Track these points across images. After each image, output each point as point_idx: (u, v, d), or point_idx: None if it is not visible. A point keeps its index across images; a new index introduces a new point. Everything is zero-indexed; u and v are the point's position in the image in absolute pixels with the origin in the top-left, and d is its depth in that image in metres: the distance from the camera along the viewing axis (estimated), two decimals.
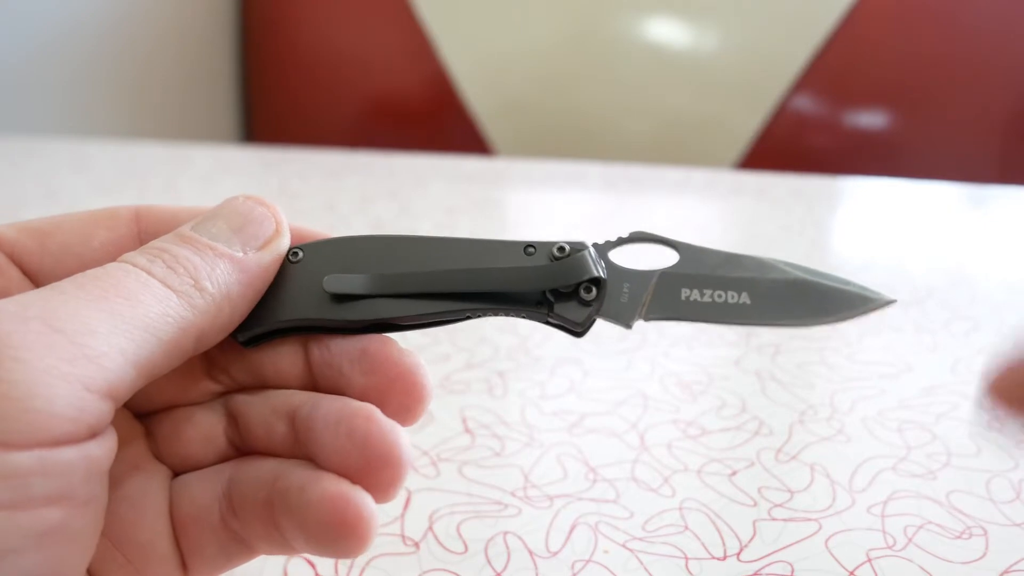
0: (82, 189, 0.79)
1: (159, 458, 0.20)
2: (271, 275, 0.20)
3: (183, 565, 0.19)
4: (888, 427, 0.36)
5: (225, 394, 0.21)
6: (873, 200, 0.87)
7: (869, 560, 0.28)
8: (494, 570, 0.27)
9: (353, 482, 0.18)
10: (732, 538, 0.29)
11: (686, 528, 0.29)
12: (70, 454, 0.15)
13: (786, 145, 1.31)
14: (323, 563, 0.28)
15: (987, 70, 1.22)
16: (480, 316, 0.21)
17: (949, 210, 0.83)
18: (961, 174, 1.06)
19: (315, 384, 0.21)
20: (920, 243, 0.68)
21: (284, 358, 0.21)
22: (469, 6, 1.37)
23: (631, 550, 0.28)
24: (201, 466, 0.20)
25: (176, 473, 0.20)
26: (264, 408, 0.20)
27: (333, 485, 0.18)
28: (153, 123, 1.32)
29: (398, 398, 0.19)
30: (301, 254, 0.21)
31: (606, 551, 0.28)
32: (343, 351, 0.20)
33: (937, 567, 0.27)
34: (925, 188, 0.89)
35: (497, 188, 0.88)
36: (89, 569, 0.17)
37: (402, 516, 0.30)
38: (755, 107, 1.29)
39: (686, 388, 0.40)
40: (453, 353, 0.43)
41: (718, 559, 0.28)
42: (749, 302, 0.20)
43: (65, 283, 0.16)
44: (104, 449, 0.16)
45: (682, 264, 0.21)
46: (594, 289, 0.20)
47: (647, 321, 0.21)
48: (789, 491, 0.32)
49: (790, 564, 0.28)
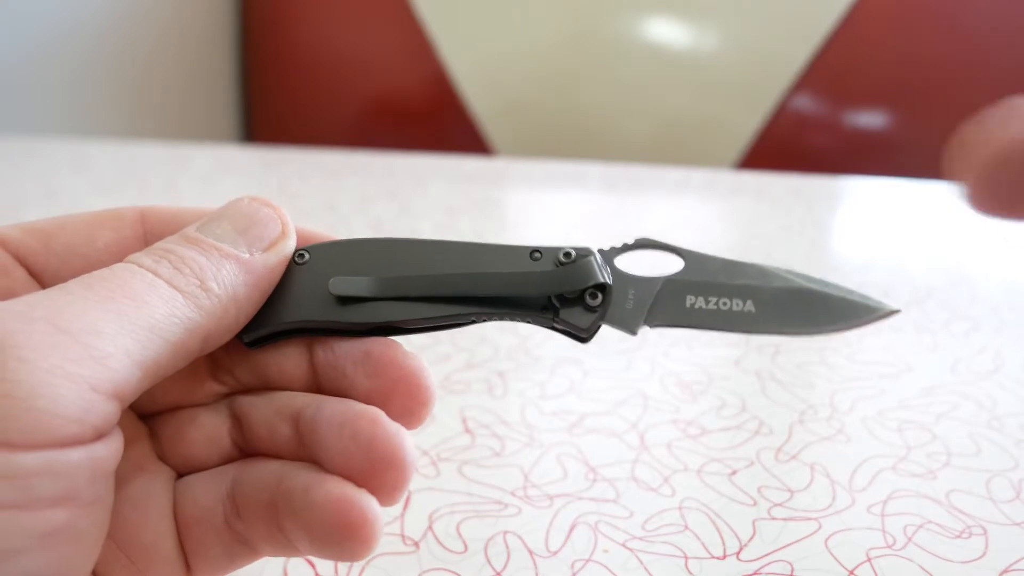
0: (82, 189, 0.79)
1: (163, 459, 0.21)
2: (277, 276, 0.20)
3: (187, 566, 0.20)
4: (888, 427, 0.37)
5: (229, 395, 0.21)
6: (873, 200, 0.87)
7: (869, 559, 0.28)
8: (494, 570, 0.27)
9: (357, 485, 0.18)
10: (732, 538, 0.29)
11: (686, 528, 0.29)
12: (76, 455, 0.15)
13: (786, 145, 1.31)
14: (323, 563, 0.28)
15: (987, 70, 1.22)
16: (485, 320, 0.21)
17: (949, 210, 0.84)
18: None
19: (319, 386, 0.21)
20: (920, 243, 0.68)
21: (288, 360, 0.21)
22: (469, 6, 1.37)
23: (631, 549, 0.28)
24: (205, 467, 0.21)
25: (180, 474, 0.21)
26: (268, 410, 0.20)
27: (338, 487, 0.18)
28: (153, 123, 1.32)
29: (402, 401, 0.19)
30: (307, 256, 0.21)
31: (606, 550, 0.28)
32: (347, 353, 0.20)
33: (937, 566, 0.27)
34: (925, 188, 0.89)
35: (497, 188, 0.89)
36: (93, 570, 0.17)
37: (402, 516, 0.30)
38: (755, 107, 1.29)
39: (686, 388, 0.40)
40: (453, 353, 0.43)
41: (718, 558, 0.28)
42: (754, 310, 0.21)
43: (71, 284, 0.17)
44: (110, 450, 0.16)
45: (687, 271, 0.21)
46: (600, 295, 0.20)
47: (652, 328, 0.21)
48: (789, 491, 0.32)
49: (790, 563, 0.28)
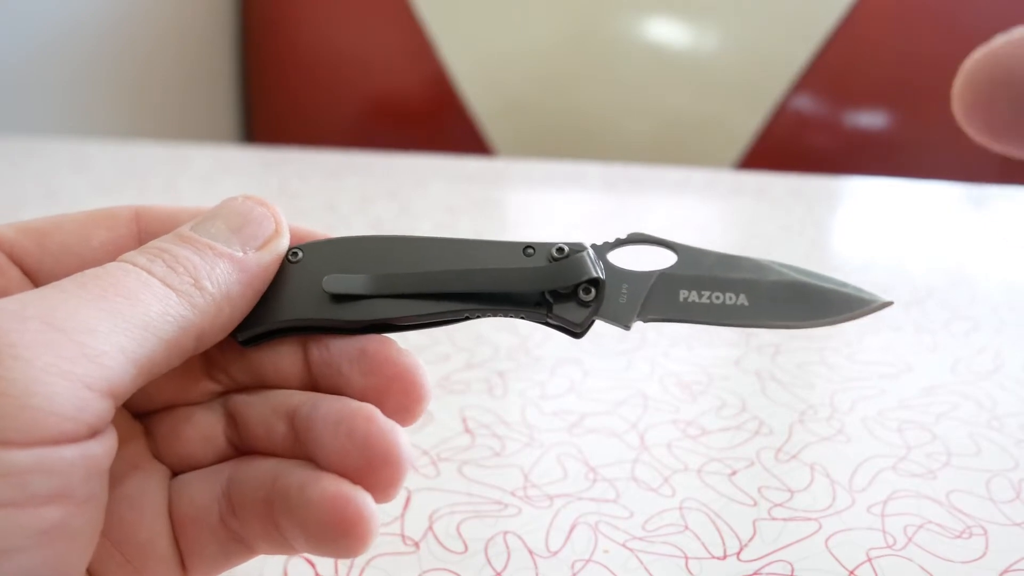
0: (82, 189, 0.79)
1: (158, 458, 0.20)
2: (271, 275, 0.20)
3: (182, 564, 0.19)
4: (888, 427, 0.36)
5: (224, 394, 0.21)
6: (873, 200, 0.87)
7: (869, 560, 0.28)
8: (494, 570, 0.27)
9: (353, 482, 0.18)
10: (732, 538, 0.29)
11: (686, 528, 0.29)
12: (70, 453, 0.15)
13: (786, 145, 1.31)
14: (323, 562, 0.28)
15: None
16: (479, 317, 0.21)
17: (949, 210, 0.83)
18: (961, 174, 1.06)
19: (314, 384, 0.21)
20: (920, 243, 0.68)
21: (283, 358, 0.21)
22: (469, 6, 1.37)
23: (631, 550, 0.28)
24: (200, 466, 0.20)
25: (175, 473, 0.20)
26: (263, 408, 0.20)
27: (333, 485, 0.18)
28: (153, 123, 1.33)
29: (397, 398, 0.19)
30: (300, 254, 0.21)
31: (606, 551, 0.28)
32: (342, 351, 0.20)
33: (937, 567, 0.27)
34: (925, 188, 0.89)
35: (497, 188, 0.89)
36: (88, 568, 0.17)
37: (402, 516, 0.30)
38: (755, 107, 1.29)
39: (686, 388, 0.40)
40: (453, 353, 0.43)
41: (718, 559, 0.28)
42: (747, 303, 0.20)
43: (65, 282, 0.17)
44: (104, 448, 0.16)
45: (680, 265, 0.21)
46: (593, 290, 0.20)
47: (645, 322, 0.21)
48: (789, 491, 0.32)
49: (790, 564, 0.28)
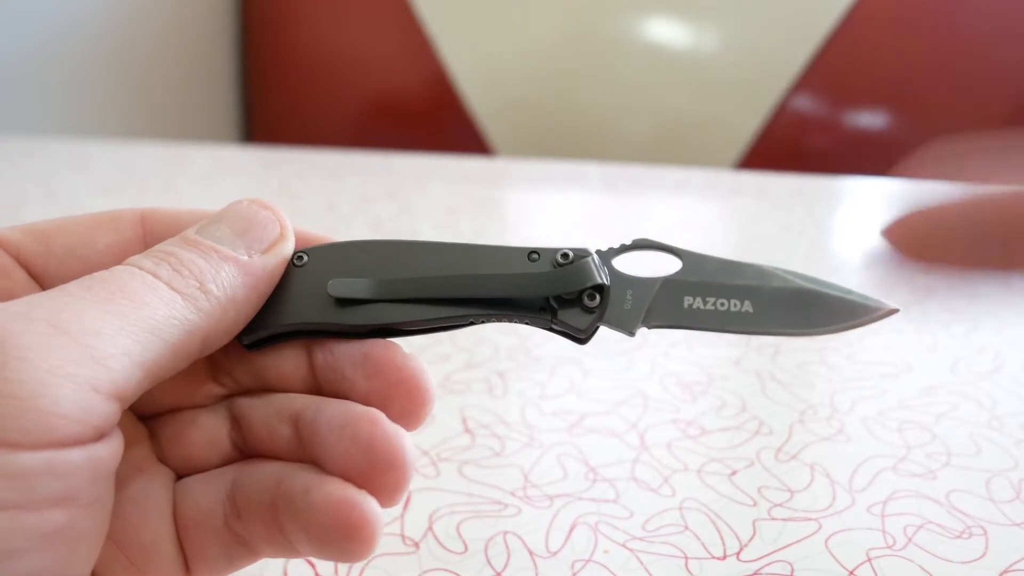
0: (82, 189, 0.79)
1: (163, 460, 0.21)
2: (275, 278, 0.20)
3: (186, 567, 0.20)
4: (888, 427, 0.37)
5: (229, 397, 0.21)
6: (873, 200, 0.87)
7: (869, 560, 0.28)
8: (494, 570, 0.27)
9: (358, 486, 0.18)
10: (732, 538, 0.29)
11: (686, 528, 0.29)
12: (76, 455, 0.15)
13: (786, 145, 1.31)
14: (323, 563, 0.28)
15: (987, 70, 1.22)
16: (484, 322, 0.21)
17: None
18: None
19: (318, 388, 0.21)
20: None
21: (288, 361, 0.21)
22: (469, 6, 1.37)
23: (631, 550, 0.28)
24: (205, 469, 0.21)
25: (180, 475, 0.21)
26: (268, 411, 0.20)
27: (338, 489, 0.18)
28: (153, 123, 1.33)
29: (401, 402, 0.19)
30: (305, 258, 0.21)
31: (606, 551, 0.28)
32: (346, 355, 0.20)
33: (937, 567, 0.27)
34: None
35: (497, 188, 0.89)
36: (93, 571, 0.17)
37: (402, 516, 0.30)
38: (755, 107, 1.30)
39: (686, 388, 0.40)
40: (453, 353, 0.43)
41: (718, 559, 0.28)
42: (751, 310, 0.21)
43: (71, 285, 0.17)
44: (110, 451, 0.16)
45: (685, 272, 0.21)
46: (597, 296, 0.20)
47: (650, 329, 0.21)
48: (789, 491, 0.32)
49: (790, 564, 0.28)
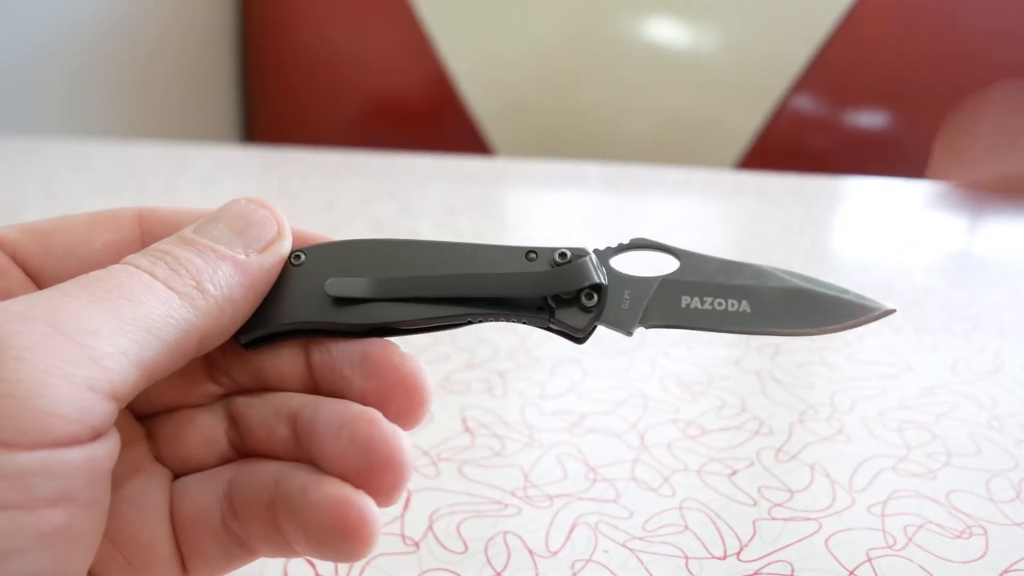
0: (82, 189, 0.79)
1: (160, 460, 0.21)
2: (273, 277, 0.20)
3: (183, 567, 0.20)
4: (888, 427, 0.36)
5: (226, 396, 0.21)
6: (873, 200, 0.87)
7: (869, 560, 0.28)
8: (494, 570, 0.27)
9: (355, 486, 0.18)
10: (732, 538, 0.29)
11: (686, 528, 0.29)
12: (73, 455, 0.15)
13: (786, 145, 1.31)
14: (323, 562, 0.28)
15: (987, 70, 1.22)
16: (481, 321, 0.21)
17: (949, 210, 0.84)
18: None
19: (316, 387, 0.21)
20: (920, 243, 0.68)
21: (285, 361, 0.21)
22: (469, 6, 1.37)
23: (631, 550, 0.28)
24: (202, 468, 0.20)
25: (177, 475, 0.20)
26: (265, 410, 0.20)
27: (336, 489, 0.18)
28: (153, 123, 1.33)
29: (399, 402, 0.19)
30: (303, 257, 0.21)
31: (606, 551, 0.28)
32: (344, 355, 0.20)
33: (937, 567, 0.27)
34: (925, 188, 0.89)
35: (497, 188, 0.89)
36: (90, 571, 0.17)
37: (402, 516, 0.30)
38: (755, 107, 1.30)
39: (686, 388, 0.40)
40: (453, 353, 0.43)
41: (718, 559, 0.28)
42: (749, 310, 0.21)
43: (68, 284, 0.17)
44: (107, 450, 0.16)
45: (683, 271, 0.21)
46: (595, 295, 0.20)
47: (648, 328, 0.21)
48: (789, 491, 0.32)
49: (790, 564, 0.28)
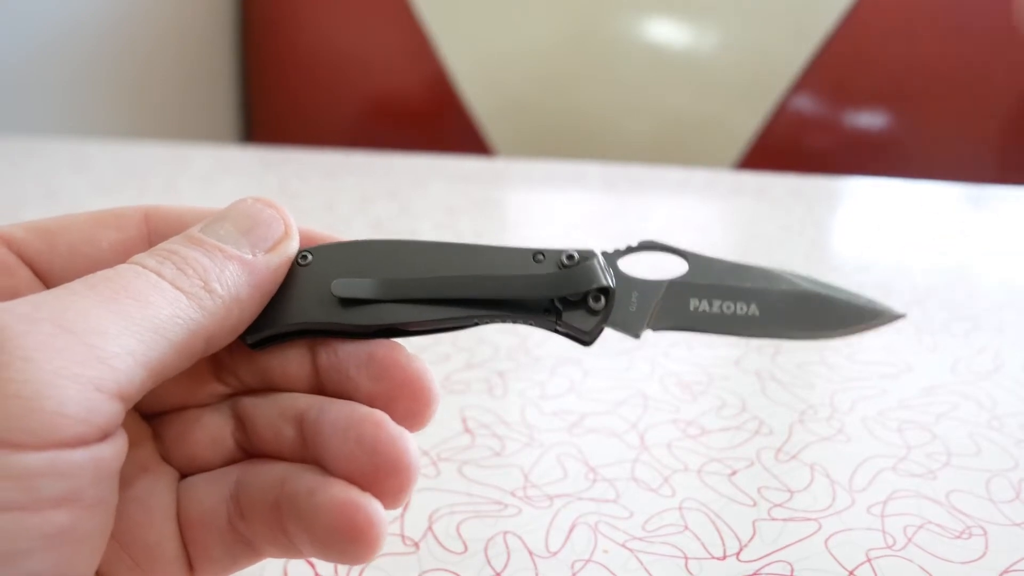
0: (82, 189, 0.79)
1: (166, 460, 0.21)
2: (280, 277, 0.20)
3: (189, 567, 0.20)
4: (888, 427, 0.37)
5: (233, 396, 0.21)
6: (873, 200, 0.87)
7: (869, 560, 0.28)
8: (494, 570, 0.27)
9: (362, 488, 0.18)
10: (732, 538, 0.29)
11: (686, 528, 0.30)
12: (80, 456, 0.15)
13: (786, 145, 1.31)
14: (324, 563, 0.28)
15: (987, 70, 1.22)
16: (488, 323, 0.21)
17: (949, 210, 0.84)
18: (961, 174, 1.06)
19: (322, 388, 0.21)
20: (920, 243, 0.68)
21: (292, 361, 0.21)
22: (469, 6, 1.37)
23: (631, 550, 0.28)
24: (208, 468, 0.21)
25: (183, 475, 0.21)
26: (272, 411, 0.20)
27: (342, 491, 0.18)
28: (153, 123, 1.33)
29: (405, 403, 0.19)
30: (310, 257, 0.21)
31: (606, 551, 0.28)
32: (350, 355, 0.20)
33: (937, 567, 0.28)
34: (925, 188, 0.89)
35: (497, 188, 0.89)
36: (97, 571, 0.17)
37: (402, 516, 0.30)
38: (755, 107, 1.30)
39: (686, 388, 0.40)
40: (453, 353, 0.43)
41: (718, 559, 0.28)
42: (758, 314, 0.20)
43: (76, 284, 0.17)
44: (114, 451, 0.16)
45: (691, 274, 0.21)
46: (602, 298, 0.20)
47: (655, 331, 0.21)
48: (789, 491, 0.32)
49: (790, 564, 0.28)
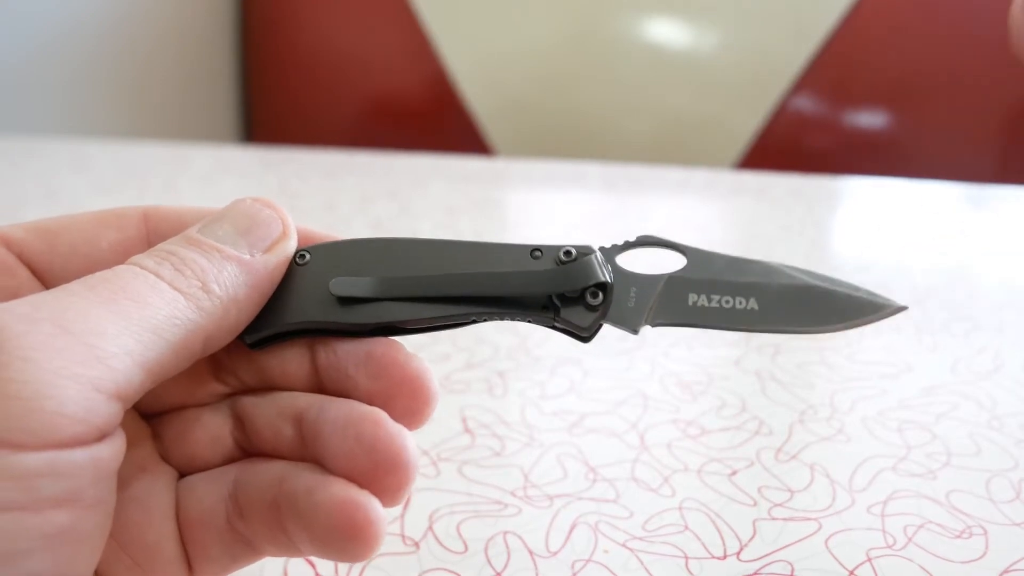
0: (82, 189, 0.79)
1: (166, 459, 0.21)
2: (278, 277, 0.20)
3: (188, 566, 0.20)
4: (888, 427, 0.37)
5: (231, 396, 0.21)
6: (873, 200, 0.87)
7: (869, 560, 0.28)
8: (494, 570, 0.27)
9: (361, 486, 0.18)
10: (732, 538, 0.29)
11: (686, 528, 0.30)
12: (79, 456, 0.15)
13: (786, 145, 1.31)
14: (323, 562, 0.28)
15: (987, 70, 1.22)
16: (486, 320, 0.21)
17: (949, 210, 0.84)
18: (961, 174, 1.06)
19: (321, 386, 0.21)
20: (920, 243, 0.68)
21: (290, 360, 0.21)
22: (469, 6, 1.37)
23: (631, 550, 0.28)
24: (207, 467, 0.21)
25: (182, 474, 0.21)
26: (271, 410, 0.20)
27: (341, 490, 0.18)
28: (153, 123, 1.33)
29: (404, 402, 0.19)
30: (308, 256, 0.21)
31: (606, 551, 0.28)
32: (349, 354, 0.20)
33: (937, 567, 0.27)
34: (925, 188, 0.89)
35: (497, 188, 0.89)
36: (96, 571, 0.17)
37: (402, 516, 0.30)
38: (755, 107, 1.30)
39: (686, 388, 0.40)
40: (453, 353, 0.43)
41: (718, 559, 0.28)
42: (757, 308, 0.20)
43: (75, 284, 0.17)
44: (113, 451, 0.16)
45: (689, 269, 0.21)
46: (601, 294, 0.20)
47: (654, 327, 0.21)
48: (789, 491, 0.32)
49: (790, 564, 0.28)
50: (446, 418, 0.37)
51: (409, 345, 0.20)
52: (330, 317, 0.20)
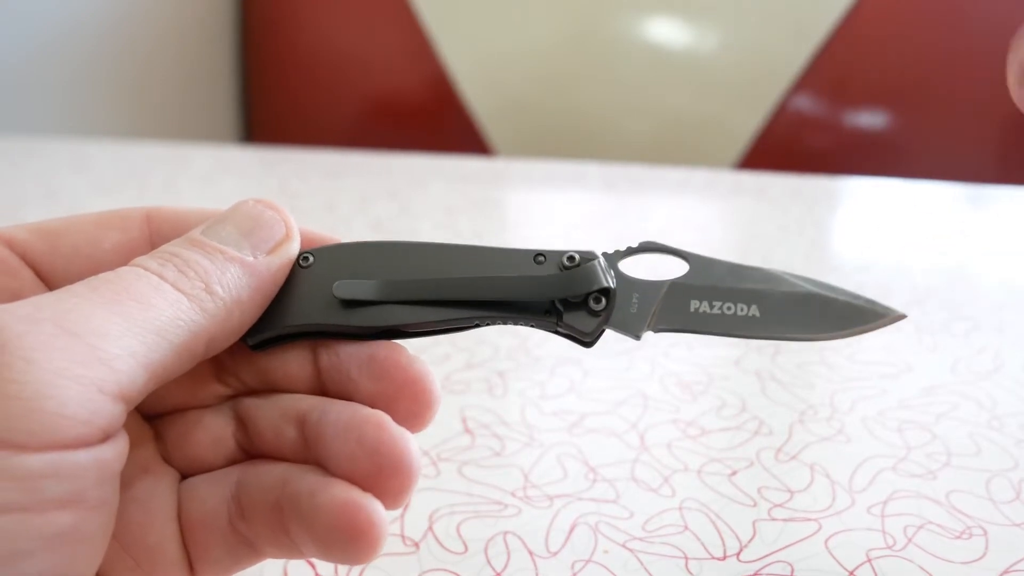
0: (82, 189, 0.79)
1: (168, 461, 0.21)
2: (281, 279, 0.20)
3: (190, 568, 0.20)
4: (888, 427, 0.37)
5: (234, 397, 0.21)
6: (873, 200, 0.87)
7: (869, 560, 0.28)
8: (494, 570, 0.27)
9: (363, 489, 0.18)
10: (732, 538, 0.29)
11: (686, 528, 0.30)
12: (82, 457, 0.15)
13: (786, 145, 1.31)
14: (324, 563, 0.28)
15: (987, 70, 1.22)
16: (489, 324, 0.21)
17: (949, 210, 0.84)
18: (961, 174, 1.06)
19: (323, 389, 0.21)
20: (920, 243, 0.68)
21: (293, 362, 0.21)
22: (469, 6, 1.37)
23: (631, 550, 0.28)
24: (210, 469, 0.21)
25: (185, 476, 0.21)
26: (273, 412, 0.20)
27: (343, 492, 0.18)
28: (153, 123, 1.33)
29: (406, 404, 0.19)
30: (311, 259, 0.21)
31: (606, 551, 0.28)
32: (352, 357, 0.20)
33: (937, 567, 0.28)
34: (925, 188, 0.89)
35: (497, 188, 0.89)
36: (98, 572, 0.17)
37: (402, 516, 0.30)
38: (755, 107, 1.30)
39: (686, 388, 0.40)
40: (453, 353, 0.44)
41: (718, 559, 0.28)
42: (759, 315, 0.20)
43: (78, 286, 0.17)
44: (116, 452, 0.16)
45: (692, 275, 0.21)
46: (603, 299, 0.20)
47: (656, 332, 0.21)
48: (789, 491, 0.32)
49: (790, 564, 0.28)
50: (446, 418, 0.37)
51: (409, 347, 0.21)
52: (333, 320, 0.20)
